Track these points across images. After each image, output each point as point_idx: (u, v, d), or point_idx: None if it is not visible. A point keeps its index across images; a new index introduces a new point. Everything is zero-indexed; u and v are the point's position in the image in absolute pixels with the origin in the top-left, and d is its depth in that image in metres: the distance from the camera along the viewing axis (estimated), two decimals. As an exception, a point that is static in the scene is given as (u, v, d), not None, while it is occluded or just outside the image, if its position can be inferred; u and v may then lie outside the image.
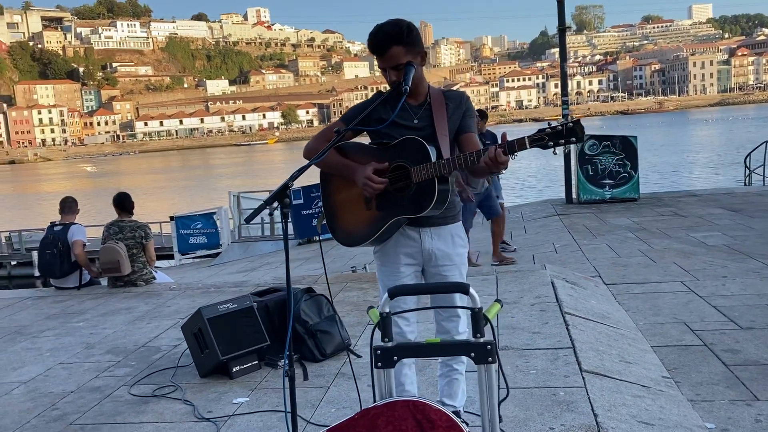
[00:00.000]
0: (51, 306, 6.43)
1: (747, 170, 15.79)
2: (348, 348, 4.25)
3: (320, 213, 3.00)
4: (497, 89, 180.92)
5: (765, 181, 14.90)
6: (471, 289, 1.97)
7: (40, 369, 4.53)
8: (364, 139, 2.92)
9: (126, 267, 6.76)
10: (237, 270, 12.49)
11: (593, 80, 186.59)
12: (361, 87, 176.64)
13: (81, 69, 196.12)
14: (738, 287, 5.67)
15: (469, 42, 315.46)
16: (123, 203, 7.00)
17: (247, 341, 4.09)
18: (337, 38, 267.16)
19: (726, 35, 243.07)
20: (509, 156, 2.54)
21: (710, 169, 33.60)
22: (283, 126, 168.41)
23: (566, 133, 2.43)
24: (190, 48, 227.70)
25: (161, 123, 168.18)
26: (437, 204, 2.67)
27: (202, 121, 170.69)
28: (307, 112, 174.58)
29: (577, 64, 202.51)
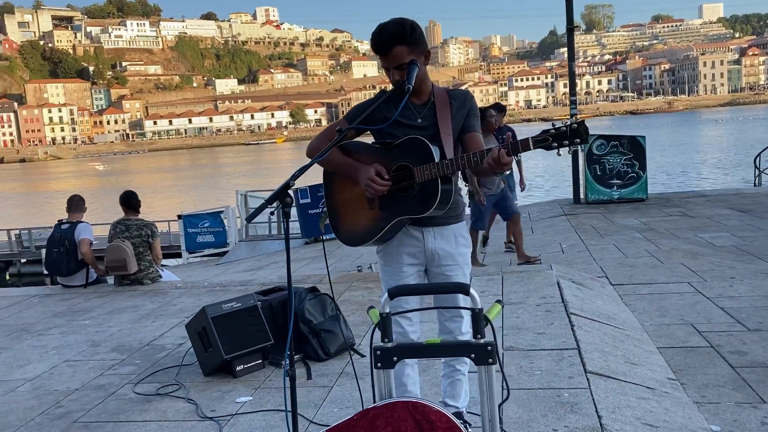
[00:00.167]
0: (58, 304, 6.46)
1: (757, 170, 15.69)
2: (351, 347, 4.24)
3: (323, 212, 2.99)
4: (506, 89, 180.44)
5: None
6: (471, 290, 1.96)
7: (46, 367, 4.55)
8: (368, 138, 2.91)
9: (132, 265, 6.78)
10: (244, 269, 12.52)
11: (602, 80, 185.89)
12: (370, 86, 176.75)
13: (91, 68, 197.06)
14: (746, 288, 5.63)
15: (478, 41, 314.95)
16: (129, 202, 7.02)
17: (251, 340, 4.09)
18: (346, 37, 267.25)
19: (737, 35, 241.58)
20: (513, 157, 2.52)
21: (719, 170, 33.41)
22: (292, 125, 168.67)
23: (570, 134, 2.41)
24: (200, 47, 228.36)
25: (170, 122, 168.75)
26: (440, 204, 2.65)
27: (211, 120, 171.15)
28: (316, 112, 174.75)
29: (587, 64, 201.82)
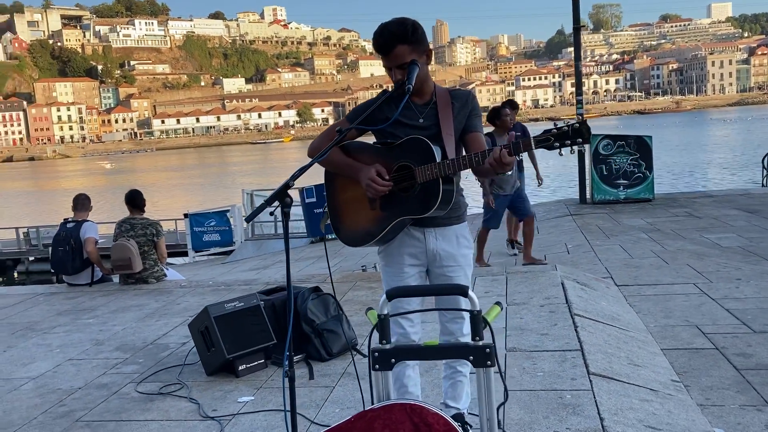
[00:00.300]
0: (63, 302, 6.48)
1: (765, 171, 15.58)
2: (354, 348, 4.24)
3: (325, 213, 2.98)
4: (513, 88, 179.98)
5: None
6: (470, 292, 1.95)
7: (50, 365, 4.56)
8: (370, 138, 2.90)
9: (137, 264, 6.79)
10: (250, 267, 12.52)
11: (610, 79, 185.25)
12: (377, 85, 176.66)
13: (99, 67, 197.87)
14: (752, 290, 5.59)
15: (485, 41, 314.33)
16: (134, 201, 7.03)
17: (254, 340, 4.09)
18: (353, 37, 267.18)
19: (746, 34, 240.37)
20: (515, 157, 2.51)
21: (727, 170, 33.21)
22: (299, 124, 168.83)
23: (572, 134, 2.39)
24: (207, 46, 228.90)
25: (178, 121, 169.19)
26: (442, 204, 2.64)
27: (219, 119, 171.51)
28: (323, 111, 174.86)
29: (594, 63, 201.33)
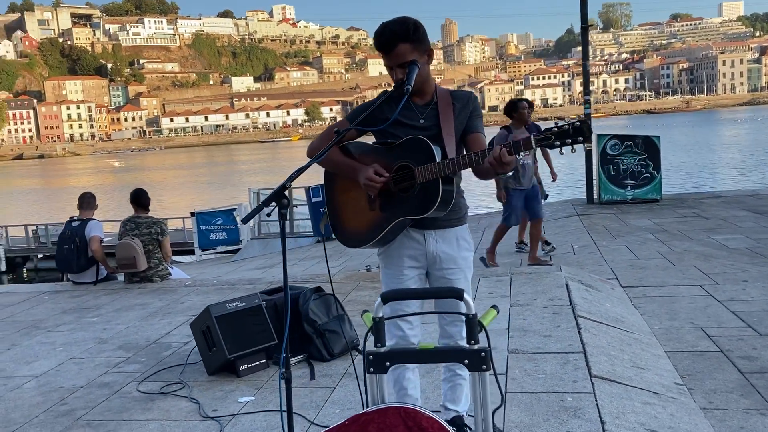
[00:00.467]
0: (67, 300, 6.50)
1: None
2: (355, 348, 4.23)
3: (324, 213, 2.97)
4: (522, 87, 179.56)
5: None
6: (466, 295, 1.93)
7: (53, 363, 4.58)
8: (371, 139, 2.89)
9: (142, 263, 6.81)
10: (256, 266, 12.54)
11: (619, 79, 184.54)
12: (385, 84, 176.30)
13: (109, 65, 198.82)
14: (759, 292, 5.54)
15: (495, 39, 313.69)
16: (139, 199, 7.05)
17: (255, 340, 4.08)
18: (362, 35, 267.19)
19: (757, 33, 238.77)
20: (515, 156, 2.48)
21: (736, 170, 33.01)
22: (307, 123, 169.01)
23: (573, 133, 2.37)
24: (216, 45, 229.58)
25: (187, 119, 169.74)
26: (441, 205, 2.62)
27: (227, 118, 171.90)
28: (331, 110, 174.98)
29: (604, 63, 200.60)
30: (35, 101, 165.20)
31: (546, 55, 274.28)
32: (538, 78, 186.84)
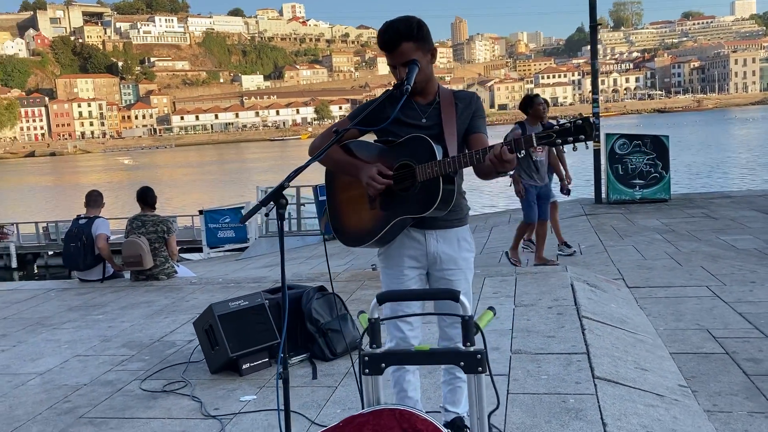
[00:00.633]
0: (74, 298, 6.53)
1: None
2: (357, 348, 4.21)
3: (325, 212, 2.97)
4: (532, 86, 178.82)
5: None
6: (462, 297, 1.92)
7: (57, 361, 4.60)
8: (374, 137, 2.87)
9: (148, 261, 6.83)
10: (263, 264, 12.57)
11: (630, 78, 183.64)
12: (394, 83, 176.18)
13: (120, 63, 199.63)
14: (766, 293, 5.49)
15: (505, 38, 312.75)
16: (146, 198, 7.07)
17: (258, 339, 4.09)
18: (372, 34, 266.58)
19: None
20: (516, 154, 2.46)
21: (747, 170, 32.74)
22: (316, 121, 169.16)
23: (574, 131, 2.35)
24: (226, 43, 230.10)
25: (197, 117, 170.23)
26: (441, 204, 2.60)
27: (237, 116, 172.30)
28: (340, 108, 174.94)
29: (614, 61, 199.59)
30: (47, 99, 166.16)
31: (556, 54, 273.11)
32: (548, 77, 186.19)
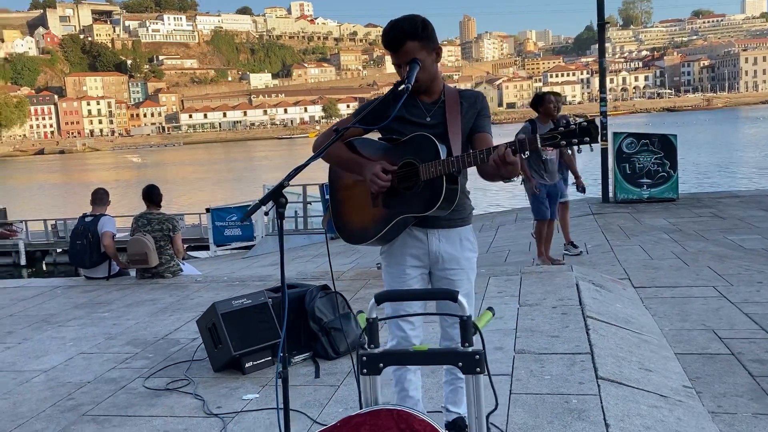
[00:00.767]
0: (79, 295, 6.56)
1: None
2: (360, 347, 4.20)
3: (327, 210, 2.96)
4: (540, 84, 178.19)
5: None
6: (460, 297, 1.91)
7: (62, 358, 4.61)
8: (376, 136, 2.86)
9: (153, 259, 6.85)
10: (269, 263, 12.59)
11: (639, 76, 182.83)
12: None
13: (129, 61, 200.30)
14: (773, 294, 5.45)
15: (513, 36, 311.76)
16: (151, 196, 7.09)
17: (261, 337, 4.08)
18: (380, 32, 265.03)
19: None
20: (520, 155, 2.45)
21: (756, 169, 32.52)
22: (324, 120, 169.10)
23: (579, 133, 2.34)
24: (235, 41, 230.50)
25: (205, 115, 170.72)
26: (444, 203, 2.59)
27: (245, 114, 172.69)
28: (348, 106, 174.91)
29: (623, 60, 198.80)
30: (56, 97, 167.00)
31: (565, 52, 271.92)
32: (557, 75, 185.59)
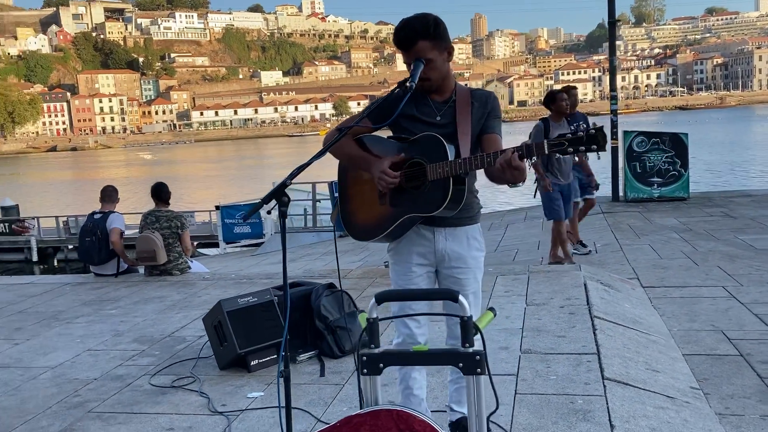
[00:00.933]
0: (88, 292, 6.59)
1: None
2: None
3: (336, 206, 2.97)
4: (552, 82, 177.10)
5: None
6: (461, 297, 1.90)
7: (69, 355, 4.64)
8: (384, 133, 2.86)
9: (162, 256, 6.87)
10: (278, 260, 12.57)
11: (651, 74, 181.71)
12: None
13: (140, 59, 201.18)
14: (784, 295, 5.40)
15: (525, 34, 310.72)
16: (159, 193, 7.12)
17: (266, 335, 4.09)
18: (391, 30, 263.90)
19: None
20: (526, 161, 2.44)
21: (770, 168, 32.25)
22: (335, 117, 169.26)
23: (587, 140, 2.34)
24: (246, 39, 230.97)
25: (216, 113, 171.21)
26: (450, 204, 2.58)
27: (256, 112, 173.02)
28: (359, 104, 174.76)
29: (635, 58, 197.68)
30: (69, 94, 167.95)
31: (577, 50, 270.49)
32: (569, 73, 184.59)
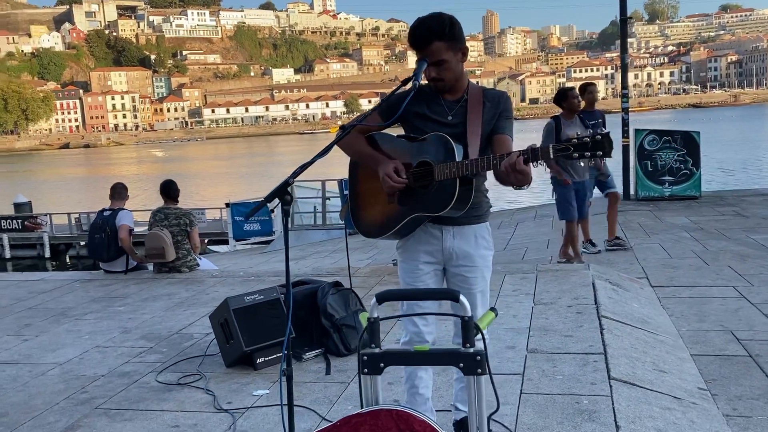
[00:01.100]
0: (97, 289, 6.63)
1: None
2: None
3: (345, 203, 2.97)
4: (564, 80, 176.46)
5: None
6: (461, 297, 1.89)
7: (77, 351, 4.66)
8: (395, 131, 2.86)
9: (170, 253, 6.90)
10: (287, 258, 12.60)
11: (665, 72, 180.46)
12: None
13: (152, 56, 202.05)
14: (795, 295, 5.35)
15: (537, 31, 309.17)
16: (169, 191, 7.14)
17: (272, 333, 4.09)
18: (402, 27, 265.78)
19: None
20: (531, 164, 2.43)
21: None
22: (346, 115, 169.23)
23: (592, 146, 2.33)
24: (257, 37, 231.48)
25: (228, 110, 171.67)
26: (457, 204, 2.58)
27: (267, 109, 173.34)
28: (370, 101, 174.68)
29: (648, 55, 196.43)
30: (81, 92, 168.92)
31: (589, 48, 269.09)
32: (581, 70, 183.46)
